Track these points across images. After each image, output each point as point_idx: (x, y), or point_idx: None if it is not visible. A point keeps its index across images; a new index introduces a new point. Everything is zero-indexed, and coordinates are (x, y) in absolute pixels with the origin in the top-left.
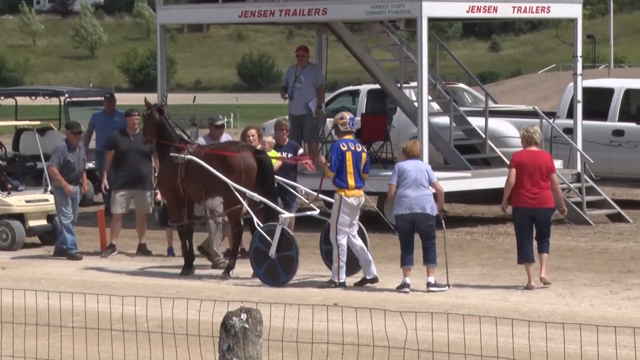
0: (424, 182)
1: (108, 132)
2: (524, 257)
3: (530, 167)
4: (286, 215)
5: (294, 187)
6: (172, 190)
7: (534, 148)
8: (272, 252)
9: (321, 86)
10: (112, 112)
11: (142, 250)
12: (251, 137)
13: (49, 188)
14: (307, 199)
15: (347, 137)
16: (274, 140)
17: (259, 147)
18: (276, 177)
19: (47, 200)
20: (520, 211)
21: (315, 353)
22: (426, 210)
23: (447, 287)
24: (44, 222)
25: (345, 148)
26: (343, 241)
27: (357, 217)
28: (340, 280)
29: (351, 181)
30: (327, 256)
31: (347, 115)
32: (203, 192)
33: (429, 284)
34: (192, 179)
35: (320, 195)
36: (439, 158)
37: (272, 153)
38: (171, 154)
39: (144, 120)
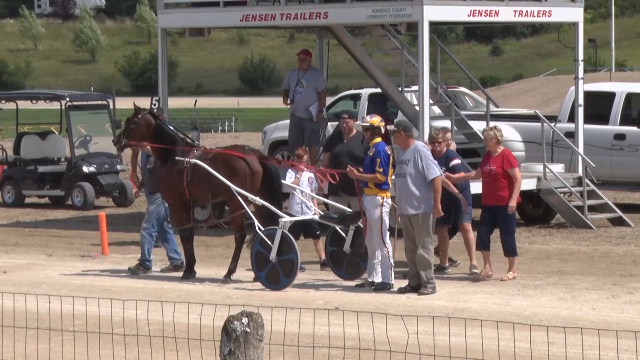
0: None
1: None
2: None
3: None
4: (286, 218)
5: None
6: (177, 194)
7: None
8: (273, 256)
9: (322, 91)
10: None
11: None
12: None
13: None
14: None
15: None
16: None
17: None
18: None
19: None
20: None
21: (317, 357)
22: None
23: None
24: None
25: (389, 152)
26: (390, 241)
27: None
28: (392, 281)
29: (390, 183)
30: (332, 258)
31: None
32: (209, 196)
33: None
34: (198, 182)
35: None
36: None
37: None
38: (177, 157)
39: (131, 125)
